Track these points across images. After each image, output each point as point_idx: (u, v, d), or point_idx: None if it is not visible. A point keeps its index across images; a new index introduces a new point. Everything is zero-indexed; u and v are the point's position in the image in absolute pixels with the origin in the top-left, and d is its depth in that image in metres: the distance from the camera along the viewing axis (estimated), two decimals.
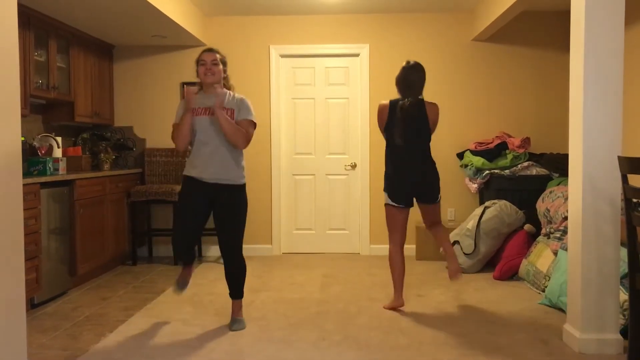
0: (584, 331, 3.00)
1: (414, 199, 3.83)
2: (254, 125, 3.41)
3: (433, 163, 3.80)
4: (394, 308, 3.78)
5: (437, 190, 3.82)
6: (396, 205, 3.79)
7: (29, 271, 3.68)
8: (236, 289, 3.50)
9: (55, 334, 3.37)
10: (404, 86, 3.74)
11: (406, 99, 3.70)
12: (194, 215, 3.37)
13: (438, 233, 3.95)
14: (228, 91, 3.44)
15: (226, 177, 3.33)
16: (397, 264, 3.79)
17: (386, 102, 3.79)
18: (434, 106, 3.78)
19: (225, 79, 3.47)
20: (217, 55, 3.37)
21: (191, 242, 3.52)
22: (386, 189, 3.84)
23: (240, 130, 3.28)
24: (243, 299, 3.55)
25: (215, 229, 3.43)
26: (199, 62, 3.36)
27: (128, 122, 5.89)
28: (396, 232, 3.82)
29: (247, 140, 3.34)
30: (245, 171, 3.46)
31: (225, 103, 3.33)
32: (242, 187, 3.42)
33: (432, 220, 3.92)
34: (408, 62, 3.79)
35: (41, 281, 3.91)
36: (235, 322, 3.44)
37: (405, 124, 3.69)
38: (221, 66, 3.39)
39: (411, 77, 3.73)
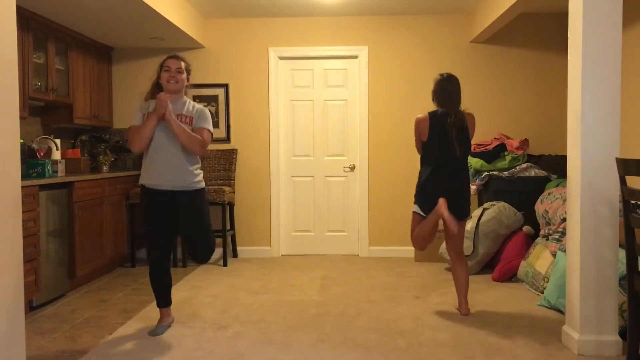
0: (583, 333, 3.00)
1: None
2: (211, 134, 3.39)
3: (469, 177, 3.77)
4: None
5: (469, 204, 3.75)
6: (426, 216, 3.71)
7: (28, 273, 3.68)
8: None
9: (54, 336, 3.37)
10: (444, 98, 3.68)
11: (451, 111, 3.64)
12: (162, 229, 3.36)
13: (459, 268, 3.77)
14: (188, 100, 3.43)
15: (182, 184, 3.31)
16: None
17: (424, 115, 3.70)
18: (472, 116, 3.73)
19: (187, 87, 3.44)
20: (183, 63, 3.35)
21: (169, 255, 3.49)
22: (418, 201, 3.73)
23: (194, 136, 3.27)
24: (241, 301, 3.53)
25: (182, 235, 3.47)
26: (162, 67, 3.33)
27: (127, 124, 5.86)
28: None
29: (203, 146, 3.32)
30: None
31: (184, 110, 3.34)
32: (199, 192, 3.39)
33: (456, 245, 3.77)
34: (442, 75, 3.75)
35: (40, 283, 3.90)
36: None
37: (452, 136, 3.60)
38: (185, 74, 3.36)
39: (449, 88, 3.69)
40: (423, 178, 3.72)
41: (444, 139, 3.61)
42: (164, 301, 3.48)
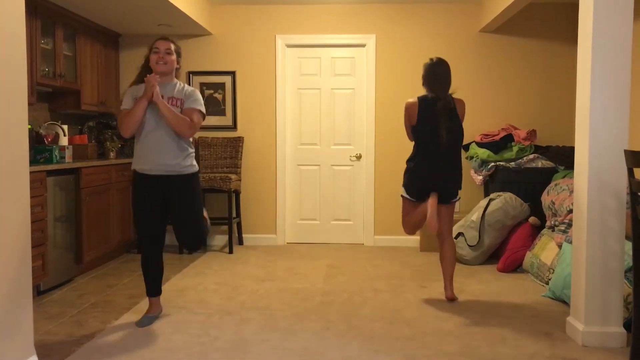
0: (588, 324, 3.01)
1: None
2: (202, 115, 3.33)
3: (460, 161, 3.74)
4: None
5: (457, 187, 3.75)
6: (413, 200, 3.77)
7: (35, 258, 3.71)
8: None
9: (61, 321, 3.41)
10: (434, 82, 3.69)
11: (441, 95, 3.64)
12: (151, 215, 3.29)
13: (446, 249, 3.81)
14: (178, 81, 3.39)
15: (171, 168, 3.24)
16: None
17: (414, 99, 3.72)
18: (462, 102, 3.74)
19: (177, 69, 3.41)
20: (172, 45, 3.31)
21: (159, 242, 3.37)
22: (405, 184, 3.78)
23: (182, 118, 3.19)
24: (247, 288, 3.55)
25: (172, 222, 3.33)
26: (152, 49, 3.30)
27: None
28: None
29: (192, 128, 3.24)
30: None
31: (175, 93, 3.29)
32: (191, 176, 3.32)
33: (444, 227, 3.80)
34: (432, 59, 3.75)
35: (47, 268, 3.94)
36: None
37: (440, 121, 3.61)
38: (175, 56, 3.33)
39: (439, 72, 3.68)
40: (413, 162, 3.75)
41: (433, 124, 3.62)
42: (152, 290, 3.43)
